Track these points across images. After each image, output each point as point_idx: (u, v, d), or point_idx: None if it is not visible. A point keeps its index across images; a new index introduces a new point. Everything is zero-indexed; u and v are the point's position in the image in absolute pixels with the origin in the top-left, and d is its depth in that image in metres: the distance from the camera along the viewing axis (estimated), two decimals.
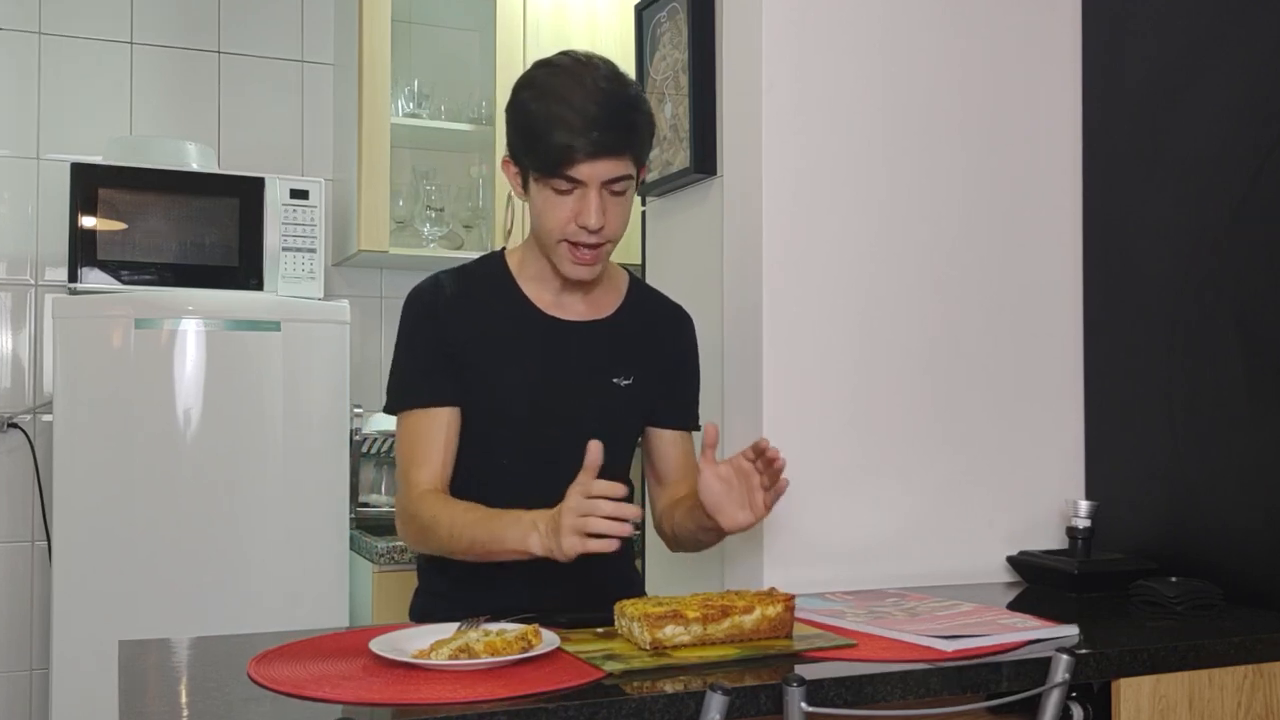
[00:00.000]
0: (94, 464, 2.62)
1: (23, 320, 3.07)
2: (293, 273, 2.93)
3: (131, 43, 3.18)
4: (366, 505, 3.15)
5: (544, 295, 1.78)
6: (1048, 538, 2.07)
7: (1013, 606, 1.77)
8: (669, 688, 1.26)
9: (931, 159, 2.02)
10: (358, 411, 3.05)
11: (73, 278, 2.76)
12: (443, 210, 3.32)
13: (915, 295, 2.00)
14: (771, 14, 1.92)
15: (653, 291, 1.94)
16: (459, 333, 1.74)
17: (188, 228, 2.86)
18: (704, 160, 2.09)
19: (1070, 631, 1.53)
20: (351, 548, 2.86)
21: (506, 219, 3.11)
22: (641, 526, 2.33)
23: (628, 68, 2.36)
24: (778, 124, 1.92)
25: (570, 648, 1.39)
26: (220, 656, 1.43)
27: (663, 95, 2.23)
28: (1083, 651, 1.45)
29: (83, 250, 2.76)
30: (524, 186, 1.71)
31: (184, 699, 1.27)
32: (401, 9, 3.26)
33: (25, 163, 3.07)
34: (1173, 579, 1.79)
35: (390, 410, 1.77)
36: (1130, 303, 2.04)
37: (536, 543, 1.51)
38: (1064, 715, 1.42)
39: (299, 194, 2.95)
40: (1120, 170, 2.06)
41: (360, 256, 3.14)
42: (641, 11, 2.32)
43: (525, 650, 1.33)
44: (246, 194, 2.90)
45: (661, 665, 1.34)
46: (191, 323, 2.68)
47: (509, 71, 2.93)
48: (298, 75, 3.34)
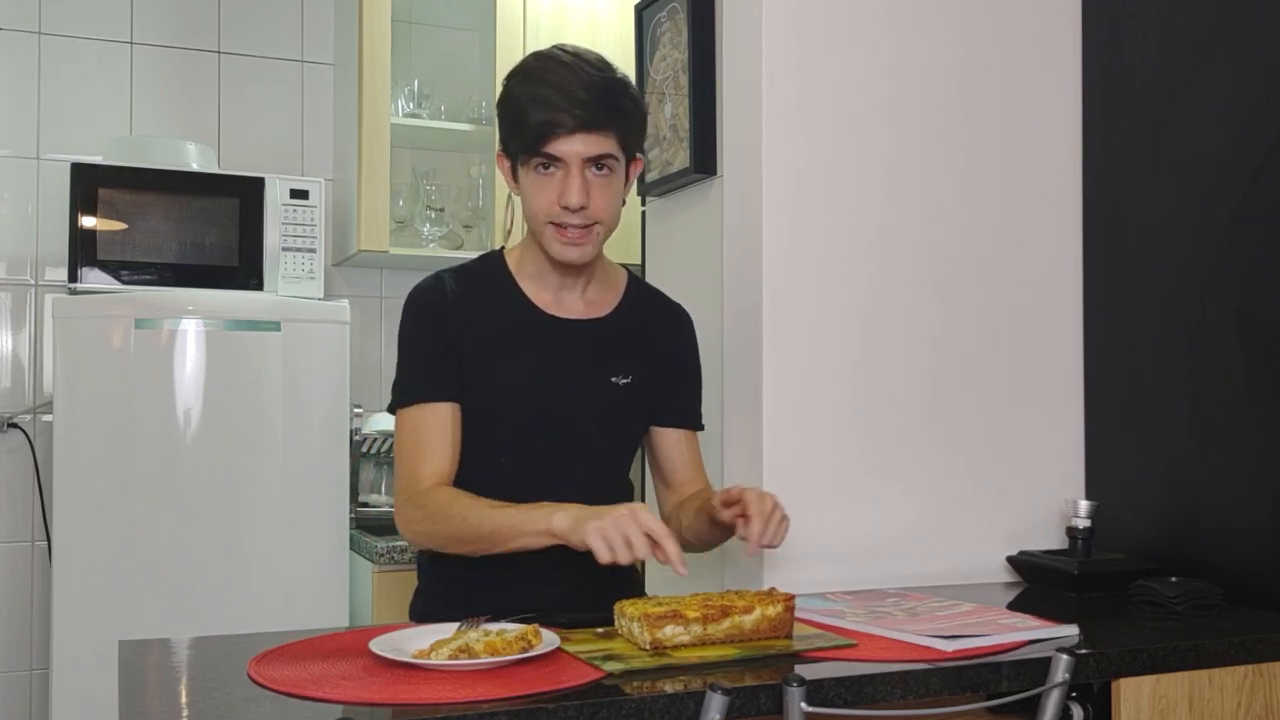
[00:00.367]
0: (94, 464, 2.62)
1: (23, 320, 3.07)
2: (293, 273, 2.93)
3: (131, 43, 3.17)
4: (366, 505, 3.15)
5: (543, 294, 1.78)
6: (1048, 538, 2.07)
7: (1013, 606, 1.77)
8: (669, 688, 1.26)
9: (932, 159, 2.02)
10: (358, 411, 3.05)
11: (73, 278, 2.76)
12: (443, 210, 3.32)
13: (915, 295, 2.00)
14: (771, 14, 1.92)
15: (652, 290, 1.93)
16: (459, 331, 1.73)
17: (188, 228, 2.85)
18: (704, 160, 2.09)
19: (1070, 631, 1.53)
20: (351, 548, 2.86)
21: (506, 219, 3.11)
22: None
23: (628, 68, 2.36)
24: (778, 124, 1.92)
25: (570, 648, 1.39)
26: (220, 656, 1.43)
27: (663, 95, 2.23)
28: (1083, 651, 1.45)
29: (83, 250, 2.76)
30: (514, 177, 1.71)
31: (184, 699, 1.27)
32: (401, 9, 3.26)
33: (25, 163, 3.07)
34: (1173, 579, 1.79)
35: (393, 408, 1.76)
36: (1130, 302, 2.04)
37: (561, 520, 1.50)
38: (1064, 715, 1.42)
39: (299, 194, 2.95)
40: (1120, 170, 2.06)
41: (360, 256, 3.14)
42: (641, 11, 2.32)
43: (525, 650, 1.33)
44: (246, 194, 2.90)
45: (661, 665, 1.34)
46: (191, 323, 2.68)
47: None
48: (298, 75, 3.34)
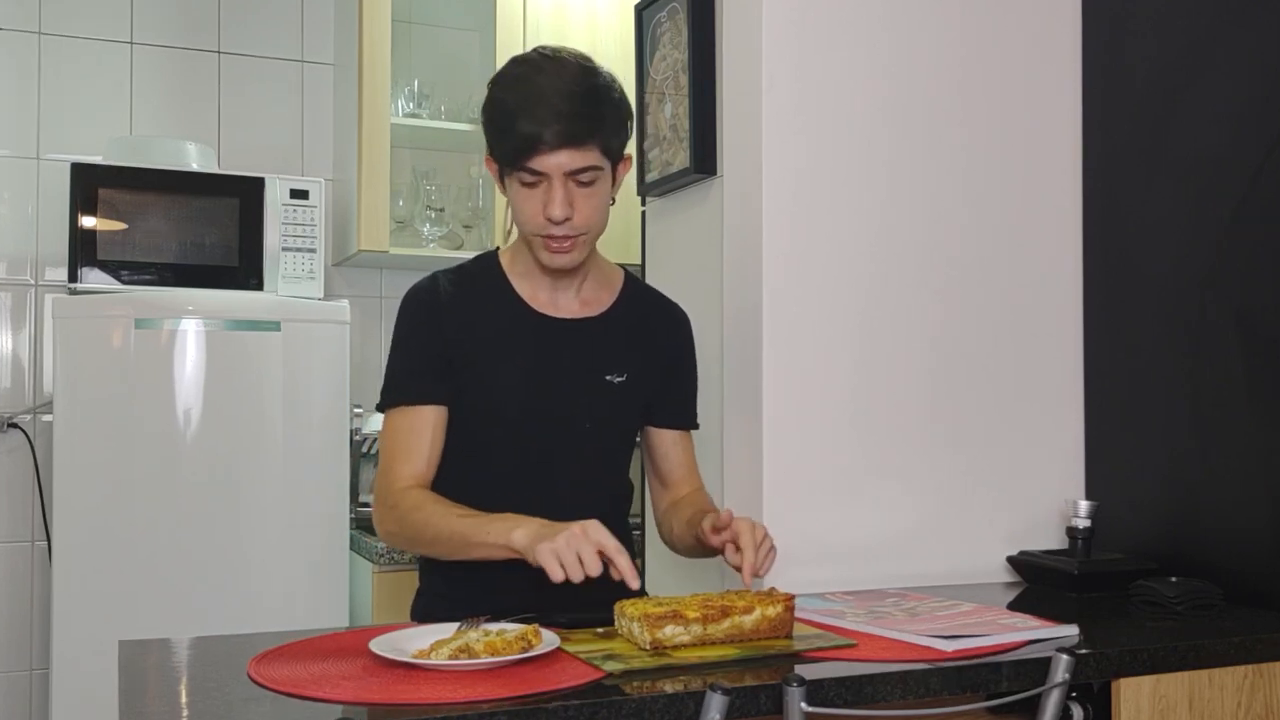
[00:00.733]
0: (94, 464, 2.62)
1: (23, 320, 3.07)
2: (293, 273, 2.93)
3: (131, 43, 3.17)
4: (366, 505, 3.14)
5: (537, 294, 1.77)
6: (1048, 538, 2.07)
7: (1013, 606, 1.77)
8: (669, 688, 1.26)
9: (932, 159, 2.02)
10: (358, 411, 3.05)
11: (73, 278, 2.76)
12: (443, 210, 3.32)
13: (915, 295, 2.00)
14: (771, 14, 1.92)
15: (648, 289, 1.93)
16: (453, 332, 1.73)
17: (188, 228, 2.85)
18: (704, 160, 2.09)
19: (1070, 631, 1.53)
20: (351, 548, 2.86)
21: (506, 219, 3.11)
22: (641, 526, 2.32)
23: (628, 68, 2.36)
24: (778, 124, 1.92)
25: (570, 648, 1.39)
26: (220, 656, 1.43)
27: (663, 95, 2.23)
28: (1083, 651, 1.45)
29: (83, 250, 2.76)
30: (501, 182, 1.70)
31: (184, 699, 1.27)
32: (401, 9, 3.26)
33: (25, 163, 3.07)
34: (1173, 579, 1.79)
35: (380, 408, 1.76)
36: (1130, 302, 2.04)
37: (520, 537, 1.49)
38: (1064, 715, 1.42)
39: (299, 194, 2.95)
40: (1121, 170, 2.06)
41: (360, 256, 3.14)
42: (641, 11, 2.32)
43: (525, 650, 1.33)
44: (246, 194, 2.90)
45: (661, 665, 1.34)
46: (191, 323, 2.68)
47: None
48: (298, 75, 3.34)
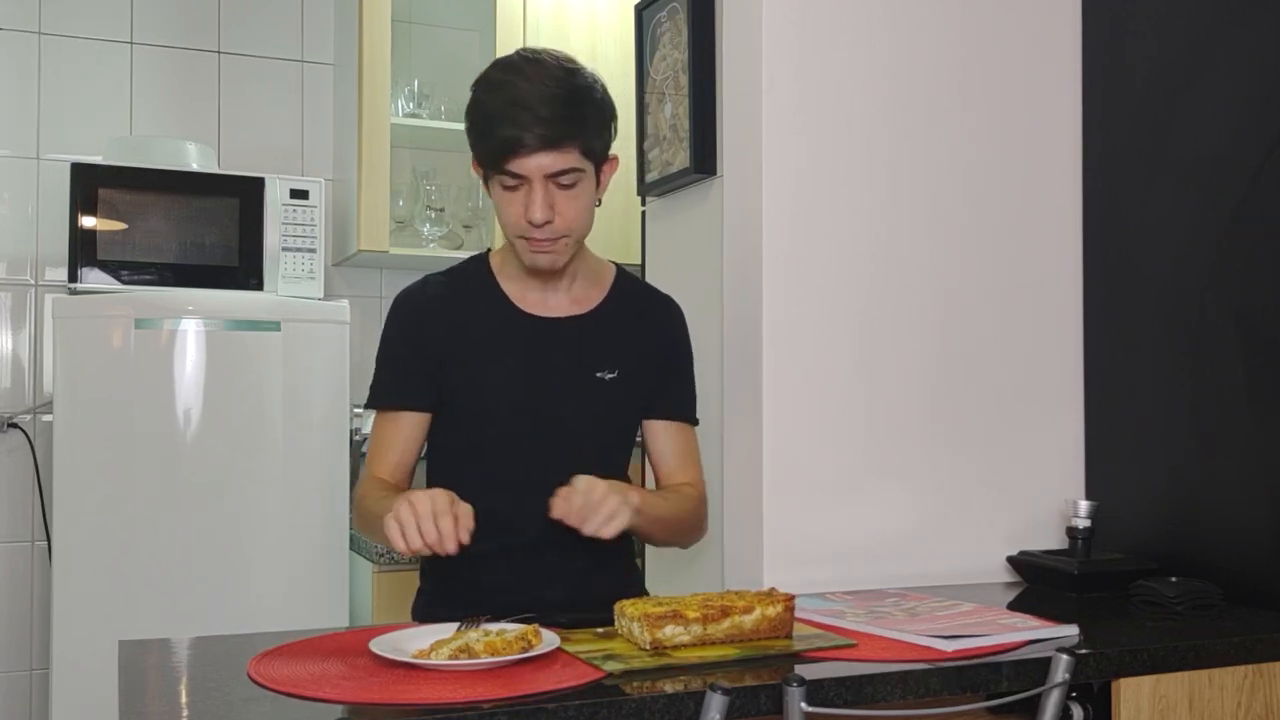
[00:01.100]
0: (94, 464, 2.62)
1: (23, 320, 3.07)
2: (293, 273, 2.93)
3: (131, 43, 3.17)
4: None
5: (526, 294, 1.77)
6: (1048, 538, 2.07)
7: (1013, 606, 1.77)
8: (669, 688, 1.26)
9: (932, 159, 2.02)
10: (358, 411, 3.04)
11: (73, 278, 2.76)
12: (443, 210, 3.32)
13: (915, 295, 2.00)
14: (771, 14, 1.91)
15: (639, 283, 1.92)
16: (441, 334, 1.74)
17: (188, 228, 2.85)
18: (704, 160, 2.09)
19: (1070, 631, 1.53)
20: (351, 548, 2.86)
21: None
22: None
23: (628, 68, 2.37)
24: (778, 124, 1.92)
25: (570, 648, 1.39)
26: (220, 656, 1.43)
27: (663, 95, 2.23)
28: (1083, 651, 1.45)
29: (83, 250, 2.76)
30: (487, 184, 1.70)
31: (184, 699, 1.27)
32: (401, 9, 3.26)
33: (25, 163, 3.07)
34: (1173, 579, 1.79)
35: (366, 407, 1.84)
36: (1130, 302, 2.04)
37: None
38: (1064, 715, 1.42)
39: (299, 194, 2.95)
40: (1121, 170, 2.06)
41: (360, 256, 3.13)
42: (641, 11, 2.32)
43: (525, 650, 1.33)
44: (246, 194, 2.90)
45: (661, 665, 1.34)
46: (191, 323, 2.68)
47: None
48: (298, 75, 3.34)
